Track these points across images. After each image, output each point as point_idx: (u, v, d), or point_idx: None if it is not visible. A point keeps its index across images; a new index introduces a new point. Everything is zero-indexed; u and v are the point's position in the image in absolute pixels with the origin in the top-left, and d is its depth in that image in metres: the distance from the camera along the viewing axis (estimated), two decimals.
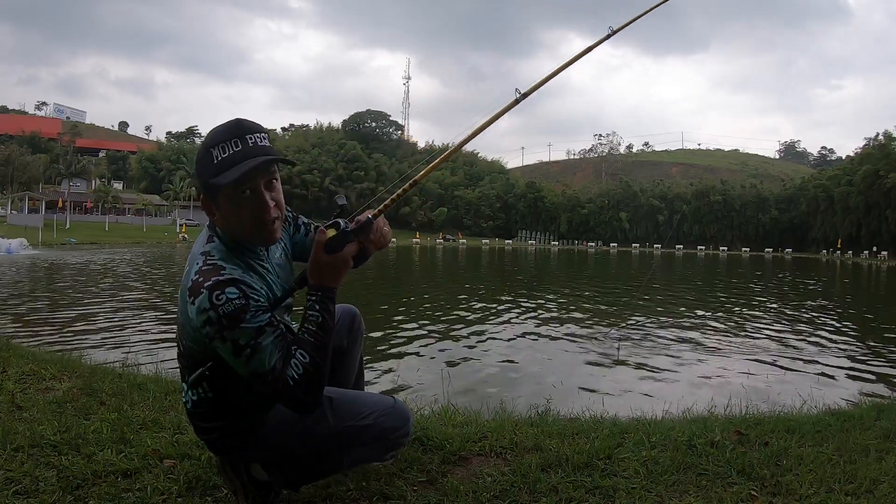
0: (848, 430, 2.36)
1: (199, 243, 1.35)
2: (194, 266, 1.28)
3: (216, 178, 1.25)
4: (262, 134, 1.30)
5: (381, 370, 5.01)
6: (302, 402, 1.28)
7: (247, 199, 1.28)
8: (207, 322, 1.21)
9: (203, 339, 1.25)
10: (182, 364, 1.42)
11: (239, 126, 1.29)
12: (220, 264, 1.27)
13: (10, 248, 21.00)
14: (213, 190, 1.28)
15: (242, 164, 1.24)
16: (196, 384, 1.37)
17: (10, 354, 3.23)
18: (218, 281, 1.22)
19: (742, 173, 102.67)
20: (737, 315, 9.79)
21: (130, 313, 7.91)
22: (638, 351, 6.19)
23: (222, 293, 1.21)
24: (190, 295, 1.24)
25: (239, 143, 1.26)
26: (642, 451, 2.00)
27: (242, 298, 1.22)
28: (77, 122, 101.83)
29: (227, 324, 1.20)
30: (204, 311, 1.21)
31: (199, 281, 1.24)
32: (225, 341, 1.22)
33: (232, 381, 1.35)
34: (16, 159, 58.25)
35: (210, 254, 1.29)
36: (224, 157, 1.25)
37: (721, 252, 65.95)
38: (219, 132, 1.28)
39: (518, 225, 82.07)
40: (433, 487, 1.72)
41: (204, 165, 1.28)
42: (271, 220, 1.31)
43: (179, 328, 1.38)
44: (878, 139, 69.94)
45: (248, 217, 1.30)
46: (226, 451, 1.46)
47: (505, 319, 8.37)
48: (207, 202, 1.33)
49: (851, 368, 5.63)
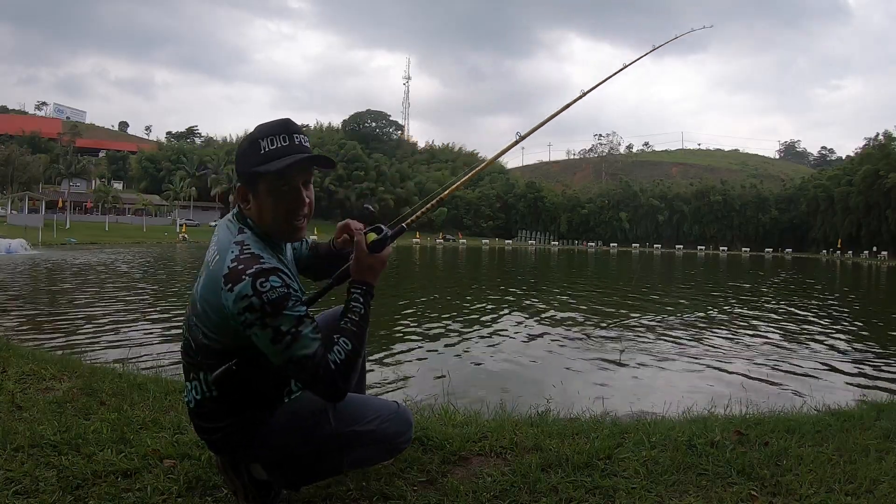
0: (848, 430, 2.36)
1: (227, 233, 1.38)
2: (228, 254, 1.30)
3: (261, 166, 1.33)
4: (306, 136, 1.41)
5: (381, 370, 5.01)
6: (338, 388, 1.32)
7: (285, 192, 1.36)
8: (249, 308, 1.23)
9: (236, 326, 1.27)
10: (190, 360, 1.41)
11: (288, 125, 1.38)
12: (258, 253, 1.30)
13: (9, 248, 20.99)
14: (254, 179, 1.36)
15: (288, 157, 1.33)
16: (219, 381, 1.36)
17: (10, 354, 3.23)
18: (261, 269, 1.26)
19: (742, 173, 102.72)
20: (737, 315, 9.78)
21: (131, 313, 7.91)
22: (638, 351, 6.19)
23: (266, 280, 1.24)
24: (227, 282, 1.26)
25: (287, 138, 1.35)
26: (642, 451, 2.00)
27: (285, 287, 1.26)
28: (77, 122, 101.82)
29: (270, 310, 1.23)
30: (245, 298, 1.23)
31: (239, 268, 1.26)
32: (266, 328, 1.24)
33: (246, 379, 1.36)
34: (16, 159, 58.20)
35: (245, 243, 1.33)
36: (271, 148, 1.34)
37: (721, 252, 65.96)
38: (268, 127, 1.36)
39: (518, 225, 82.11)
40: (433, 487, 1.72)
41: (249, 155, 1.35)
42: (303, 217, 1.40)
43: (197, 320, 1.36)
44: (878, 139, 70.03)
45: (283, 210, 1.37)
46: (227, 450, 1.46)
47: (505, 319, 8.37)
48: (245, 191, 1.39)
49: (851, 368, 5.63)
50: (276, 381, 1.43)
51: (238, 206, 1.43)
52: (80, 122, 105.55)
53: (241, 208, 1.42)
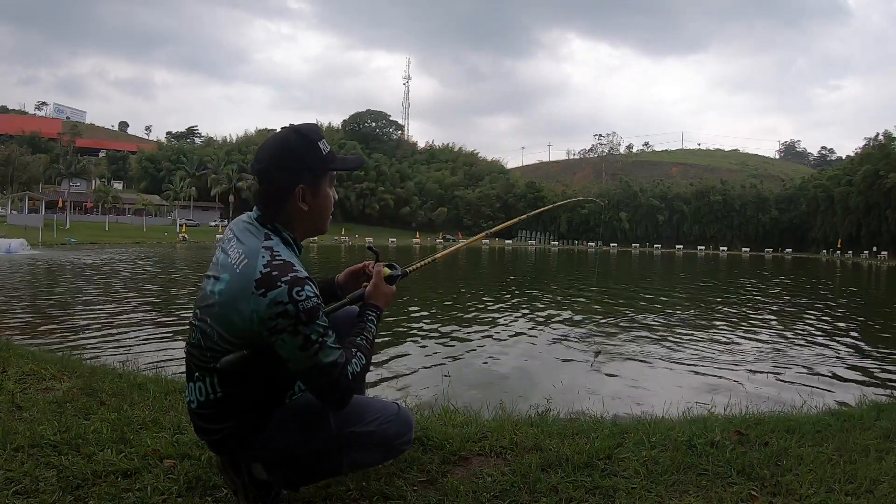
0: (848, 430, 2.36)
1: (251, 237, 1.38)
2: (259, 259, 1.31)
3: (335, 164, 1.44)
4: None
5: (381, 370, 5.01)
6: (347, 397, 1.37)
7: (329, 191, 1.46)
8: (283, 315, 1.25)
9: (261, 331, 1.28)
10: (197, 361, 1.39)
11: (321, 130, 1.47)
12: (289, 261, 1.33)
13: (9, 248, 20.99)
14: (320, 176, 1.42)
15: (349, 159, 1.48)
16: (226, 371, 1.34)
17: (10, 354, 3.22)
18: (297, 278, 1.29)
19: (742, 173, 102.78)
20: (737, 315, 9.78)
21: (131, 313, 7.91)
22: (638, 351, 6.19)
23: (302, 290, 1.28)
24: (259, 287, 1.27)
25: (327, 143, 1.44)
26: (642, 451, 2.00)
27: (317, 297, 1.31)
28: (77, 122, 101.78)
29: (305, 319, 1.27)
30: (280, 304, 1.25)
31: (273, 274, 1.28)
32: (297, 335, 1.27)
33: (248, 379, 1.36)
34: (16, 159, 58.21)
35: (274, 249, 1.34)
36: (328, 150, 1.43)
37: (721, 252, 65.96)
38: (314, 130, 1.43)
39: (518, 225, 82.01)
40: (433, 487, 1.72)
41: (315, 154, 1.40)
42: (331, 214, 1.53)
43: (213, 321, 1.34)
44: (878, 139, 70.01)
45: (327, 207, 1.47)
46: (227, 450, 1.46)
47: (505, 319, 8.37)
48: (308, 190, 1.41)
49: (851, 368, 5.63)
50: (282, 382, 1.44)
51: (260, 207, 1.42)
52: (80, 122, 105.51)
53: (266, 210, 1.41)
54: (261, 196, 1.43)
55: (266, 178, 1.40)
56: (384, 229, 70.75)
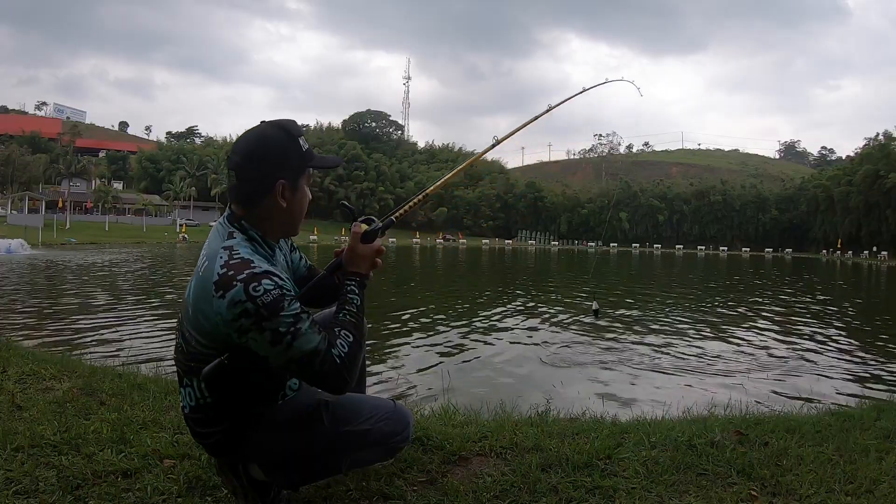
0: (848, 430, 2.36)
1: (216, 237, 1.35)
2: (217, 261, 1.27)
3: (314, 161, 1.39)
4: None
5: (381, 370, 5.01)
6: (345, 381, 1.31)
7: (306, 189, 1.41)
8: (244, 314, 1.21)
9: (230, 332, 1.24)
10: (183, 365, 1.39)
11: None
12: (247, 258, 1.28)
13: (9, 248, 20.98)
14: (299, 173, 1.38)
15: (327, 157, 1.44)
16: (210, 379, 1.33)
17: (10, 354, 3.22)
18: (253, 273, 1.23)
19: (742, 173, 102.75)
20: (737, 314, 9.79)
21: (131, 313, 7.91)
22: (638, 351, 6.19)
23: (259, 284, 1.22)
24: (218, 289, 1.23)
25: (306, 140, 1.40)
26: (642, 451, 2.00)
27: (278, 289, 1.24)
28: (77, 122, 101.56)
29: (266, 314, 1.21)
30: (239, 304, 1.21)
31: (229, 274, 1.23)
32: (263, 332, 1.22)
33: (237, 381, 1.34)
34: (16, 159, 58.22)
35: (234, 248, 1.30)
36: (308, 147, 1.39)
37: (721, 252, 65.96)
38: (295, 125, 1.39)
39: (518, 225, 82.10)
40: (433, 487, 1.71)
41: (296, 149, 1.36)
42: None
43: (189, 325, 1.34)
44: (877, 139, 70.04)
45: (304, 206, 1.41)
46: (224, 452, 1.46)
47: (505, 319, 8.37)
48: (288, 186, 1.36)
49: (852, 369, 5.63)
50: (271, 382, 1.41)
51: (232, 204, 1.39)
52: (80, 122, 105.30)
53: (239, 207, 1.37)
54: (236, 192, 1.37)
55: (244, 172, 1.34)
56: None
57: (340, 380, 1.30)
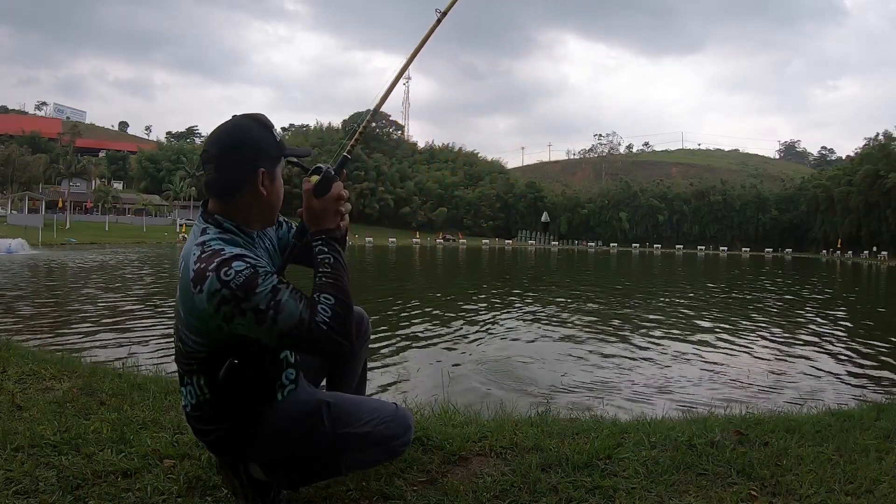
0: (848, 430, 2.36)
1: (192, 238, 1.36)
2: (192, 258, 1.28)
3: (287, 151, 1.39)
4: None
5: (382, 370, 5.01)
6: (340, 344, 1.28)
7: (281, 179, 1.42)
8: (222, 301, 1.21)
9: (219, 324, 1.25)
10: (182, 366, 1.40)
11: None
12: (217, 248, 1.28)
13: (10, 248, 20.99)
14: (275, 163, 1.38)
15: (298, 149, 1.43)
16: (224, 379, 1.33)
17: (10, 354, 3.22)
18: (223, 260, 1.24)
19: (742, 173, 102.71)
20: (737, 315, 9.79)
21: (131, 313, 7.91)
22: (638, 351, 6.19)
23: (230, 268, 1.22)
24: (195, 285, 1.24)
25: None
26: (642, 451, 2.00)
27: (250, 268, 1.24)
28: (77, 122, 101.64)
29: (242, 295, 1.21)
30: (216, 293, 1.21)
31: (201, 268, 1.24)
32: (245, 313, 1.22)
33: (233, 377, 1.35)
34: (16, 159, 58.22)
35: (206, 243, 1.30)
36: (281, 137, 1.40)
37: (721, 252, 65.96)
38: (266, 118, 1.39)
39: (518, 225, 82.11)
40: (433, 487, 1.71)
41: (269, 141, 1.36)
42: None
43: (181, 326, 1.36)
44: (877, 139, 70.02)
45: (280, 195, 1.42)
46: (225, 451, 1.46)
47: (505, 319, 8.37)
48: (267, 174, 1.36)
49: (852, 369, 5.63)
50: (265, 376, 1.41)
51: (209, 198, 1.39)
52: (80, 122, 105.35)
53: (215, 201, 1.37)
54: (215, 184, 1.36)
55: (224, 163, 1.33)
56: (384, 229, 70.75)
57: (334, 344, 1.27)
